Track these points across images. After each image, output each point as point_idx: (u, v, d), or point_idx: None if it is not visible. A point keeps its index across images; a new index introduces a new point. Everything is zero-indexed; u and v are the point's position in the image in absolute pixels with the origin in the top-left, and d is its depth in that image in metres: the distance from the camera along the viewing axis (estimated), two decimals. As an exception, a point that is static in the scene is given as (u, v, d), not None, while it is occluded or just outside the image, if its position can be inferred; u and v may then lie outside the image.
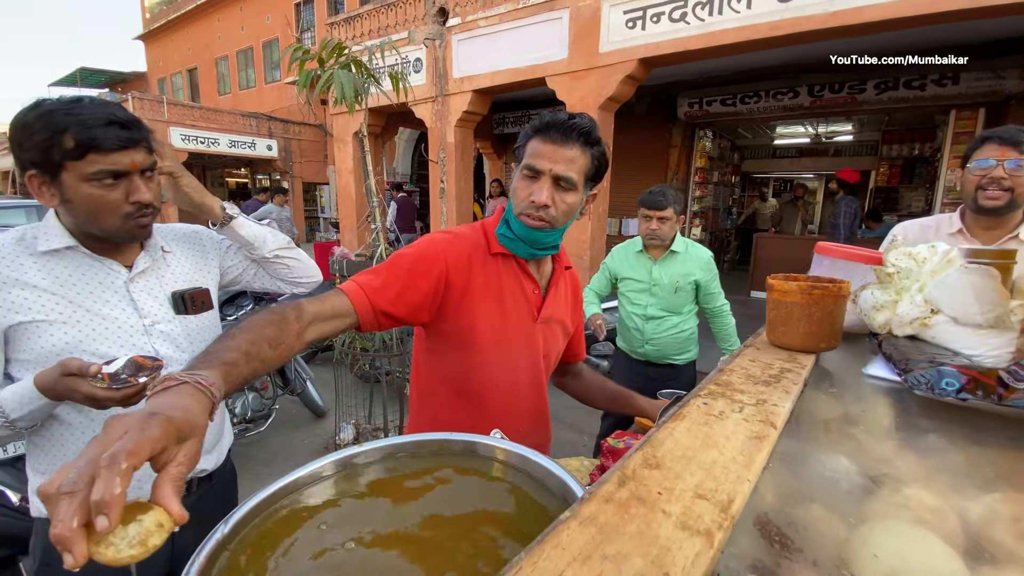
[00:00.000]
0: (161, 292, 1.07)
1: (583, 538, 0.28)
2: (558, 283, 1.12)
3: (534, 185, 0.94)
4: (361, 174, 8.29)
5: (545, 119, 0.93)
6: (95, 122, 0.87)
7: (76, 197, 0.91)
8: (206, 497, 1.15)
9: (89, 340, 0.96)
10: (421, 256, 0.95)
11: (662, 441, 0.40)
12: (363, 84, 2.93)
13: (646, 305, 2.32)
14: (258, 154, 14.14)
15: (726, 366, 0.59)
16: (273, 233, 1.20)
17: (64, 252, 0.98)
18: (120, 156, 0.90)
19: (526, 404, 1.10)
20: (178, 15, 18.39)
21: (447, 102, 6.91)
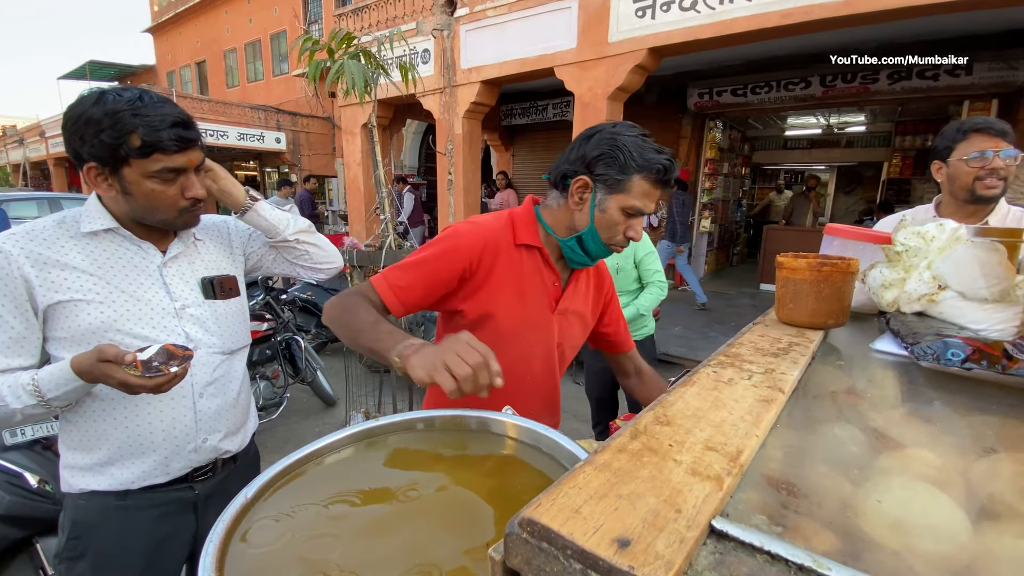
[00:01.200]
0: (192, 277, 1.10)
1: (598, 480, 0.30)
2: (579, 277, 1.16)
3: (633, 222, 0.98)
4: (369, 166, 8.33)
5: (661, 165, 0.94)
6: (162, 124, 0.92)
7: (137, 191, 0.96)
8: (231, 477, 1.18)
9: (123, 320, 0.99)
10: (445, 252, 1.00)
11: (672, 403, 0.41)
12: (372, 74, 2.94)
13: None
14: (267, 147, 14.21)
15: (736, 340, 0.60)
16: (295, 217, 1.23)
17: (104, 234, 1.02)
18: (181, 156, 0.96)
19: (539, 390, 1.14)
20: (186, 8, 18.43)
21: (455, 93, 6.90)
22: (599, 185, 0.98)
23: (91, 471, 1.03)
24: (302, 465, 0.69)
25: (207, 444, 1.09)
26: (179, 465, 1.07)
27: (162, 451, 1.05)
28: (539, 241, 1.07)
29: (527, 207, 1.11)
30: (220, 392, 1.11)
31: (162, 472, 1.06)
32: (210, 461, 1.13)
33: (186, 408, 1.06)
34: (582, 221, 1.02)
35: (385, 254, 3.39)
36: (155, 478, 1.06)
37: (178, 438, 1.06)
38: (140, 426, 1.03)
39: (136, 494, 1.05)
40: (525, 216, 1.09)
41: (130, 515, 1.06)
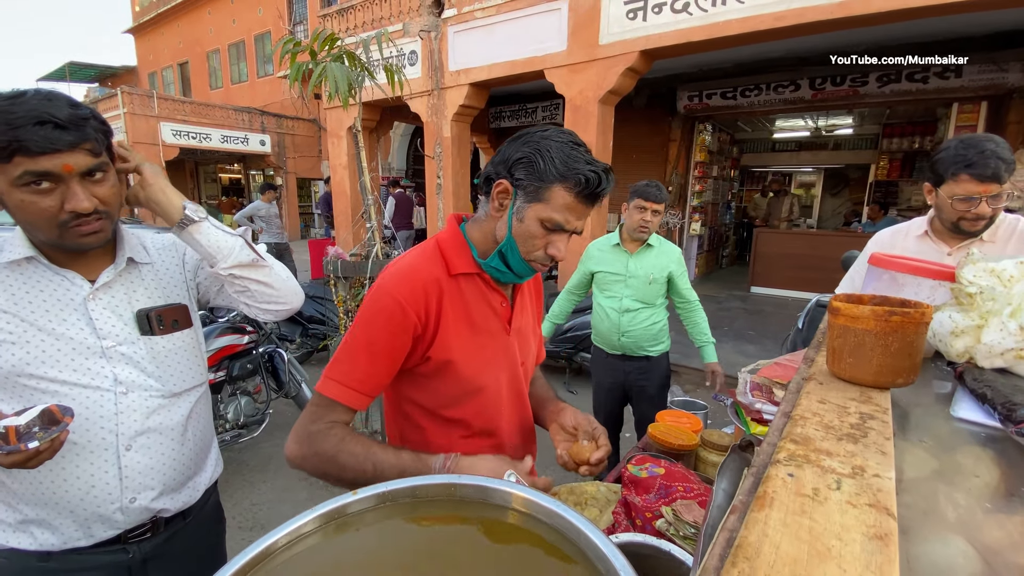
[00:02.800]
0: (128, 309, 0.95)
1: None
2: (522, 289, 1.05)
3: (554, 238, 0.87)
4: (355, 169, 8.15)
5: (586, 177, 0.82)
6: (23, 121, 0.76)
7: (9, 203, 0.82)
8: (179, 536, 1.04)
9: (38, 363, 0.86)
10: (390, 320, 0.87)
11: (755, 546, 0.30)
12: (357, 77, 2.80)
13: (621, 297, 2.35)
14: (251, 149, 13.95)
15: (792, 410, 0.49)
16: (243, 247, 1.02)
17: (25, 263, 0.88)
18: (48, 160, 0.78)
19: (511, 417, 1.05)
20: (168, 8, 18.06)
21: (443, 96, 6.76)
22: (519, 192, 0.86)
23: (12, 527, 0.91)
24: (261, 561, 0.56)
25: (135, 504, 0.94)
26: (102, 528, 0.93)
27: (80, 513, 0.91)
28: (474, 266, 0.94)
29: (452, 228, 0.97)
30: (155, 443, 0.96)
31: (84, 535, 0.92)
32: (147, 521, 0.98)
33: (107, 464, 0.91)
34: (501, 231, 0.90)
35: (372, 264, 3.25)
36: (76, 541, 0.92)
37: (98, 499, 0.91)
38: (53, 484, 0.89)
39: (59, 556, 0.92)
40: (452, 240, 0.95)
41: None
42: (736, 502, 0.34)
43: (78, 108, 0.82)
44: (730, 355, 4.65)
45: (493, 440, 1.01)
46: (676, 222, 7.70)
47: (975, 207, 1.36)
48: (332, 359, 0.90)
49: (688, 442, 1.37)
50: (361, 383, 0.88)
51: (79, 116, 0.81)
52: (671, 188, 7.65)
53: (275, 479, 3.16)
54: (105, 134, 0.86)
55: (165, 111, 12.46)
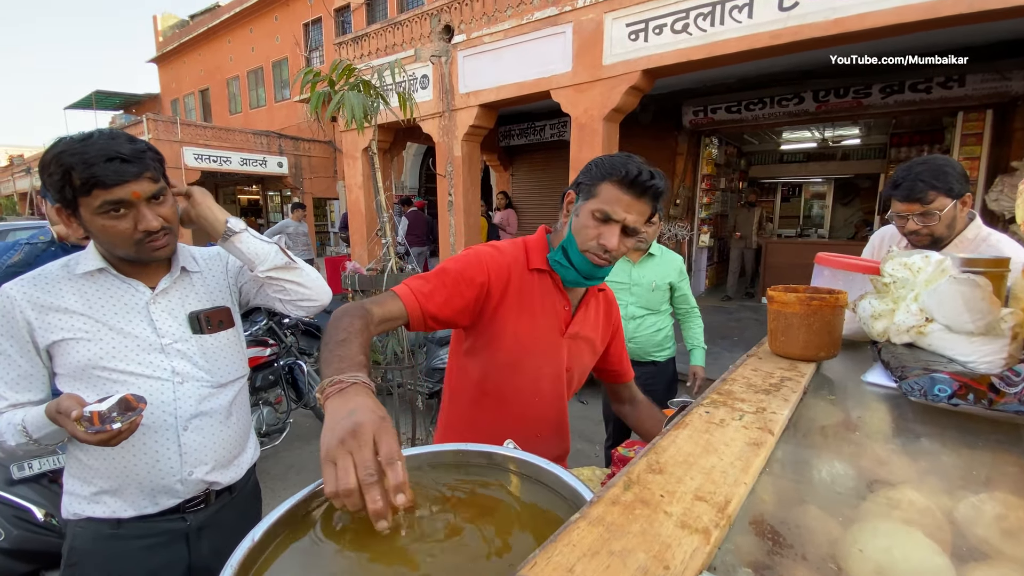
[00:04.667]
0: (181, 311, 1.12)
1: (592, 536, 0.31)
2: (589, 303, 1.19)
3: (604, 229, 0.99)
4: (370, 189, 8.41)
5: (627, 170, 0.96)
6: (96, 160, 0.91)
7: (93, 228, 0.98)
8: (226, 509, 1.18)
9: (109, 357, 1.02)
10: (467, 266, 1.03)
11: (665, 448, 0.43)
12: (372, 104, 3.01)
13: (627, 304, 2.46)
14: (269, 171, 14.39)
15: (729, 375, 0.61)
16: (277, 252, 1.17)
17: (96, 274, 1.05)
18: (121, 189, 0.94)
19: (546, 413, 1.16)
20: (190, 38, 18.86)
21: (454, 117, 7.01)
22: (579, 196, 1.03)
23: (88, 499, 1.06)
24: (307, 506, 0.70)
25: (192, 477, 1.10)
26: (166, 498, 1.08)
27: (147, 484, 1.07)
28: (547, 264, 1.11)
29: (540, 235, 1.16)
30: (207, 425, 1.12)
31: (151, 503, 1.07)
32: (201, 493, 1.13)
33: (169, 442, 1.07)
34: (565, 231, 1.06)
35: (387, 278, 3.42)
36: (144, 509, 1.07)
37: (162, 472, 1.07)
38: (125, 460, 1.04)
39: (128, 523, 1.07)
40: (537, 242, 1.13)
41: (123, 543, 1.07)
42: (663, 430, 0.47)
43: (135, 143, 0.98)
44: (738, 364, 4.69)
45: (525, 424, 1.13)
46: (684, 234, 7.80)
47: (905, 224, 1.46)
48: (414, 275, 1.04)
49: None
50: (422, 295, 0.98)
51: (138, 150, 0.97)
52: (679, 201, 7.77)
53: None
54: (160, 162, 1.03)
55: (188, 136, 12.97)
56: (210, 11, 18.76)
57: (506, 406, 1.12)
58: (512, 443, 0.91)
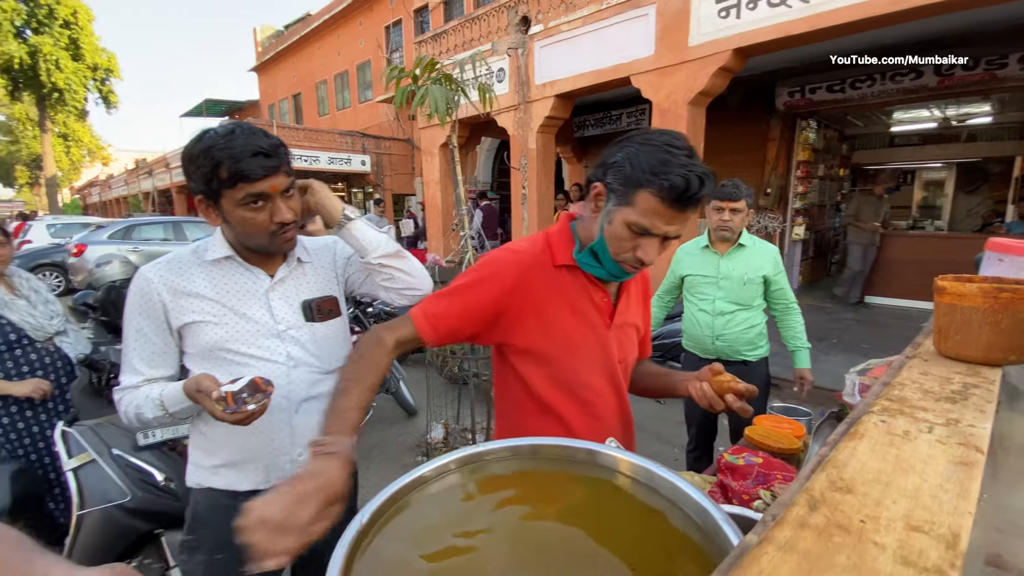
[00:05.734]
0: (296, 300, 1.16)
1: (787, 567, 0.25)
2: (628, 287, 1.09)
3: (642, 242, 0.89)
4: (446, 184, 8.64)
5: (671, 182, 0.81)
6: (243, 155, 0.96)
7: (232, 219, 1.03)
8: None
9: (233, 339, 1.08)
10: (480, 279, 0.98)
11: (845, 462, 0.35)
12: (453, 97, 3.04)
13: (714, 299, 2.28)
14: (353, 169, 15.23)
15: (893, 379, 0.52)
16: (389, 241, 1.21)
17: (223, 261, 1.11)
18: (263, 183, 0.99)
19: (609, 411, 1.09)
20: (284, 47, 20.37)
21: (529, 109, 6.99)
22: (610, 195, 0.90)
23: (209, 471, 1.14)
24: (407, 493, 0.69)
25: (302, 458, 1.14)
26: (277, 475, 1.14)
27: (262, 461, 1.13)
28: (574, 259, 1.01)
29: (563, 224, 1.05)
30: (316, 409, 1.16)
31: (263, 479, 1.13)
32: None
33: (283, 423, 1.12)
34: (595, 231, 0.94)
35: (465, 268, 3.48)
36: (258, 484, 1.13)
37: (276, 451, 1.13)
38: (244, 437, 1.10)
39: (244, 496, 1.13)
40: (561, 235, 1.03)
41: (236, 515, 1.14)
42: (828, 441, 0.40)
43: (271, 138, 1.02)
44: (837, 368, 4.29)
45: (590, 424, 1.06)
46: (776, 226, 7.22)
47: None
48: (432, 294, 1.03)
49: (789, 446, 1.33)
50: (435, 317, 0.95)
51: (275, 145, 1.02)
52: (770, 190, 7.21)
53: (378, 467, 3.45)
54: (289, 158, 1.07)
55: (282, 138, 13.95)
56: (302, 20, 20.13)
57: (564, 413, 1.04)
58: (614, 441, 0.86)
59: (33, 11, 19.67)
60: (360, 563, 0.55)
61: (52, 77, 20.40)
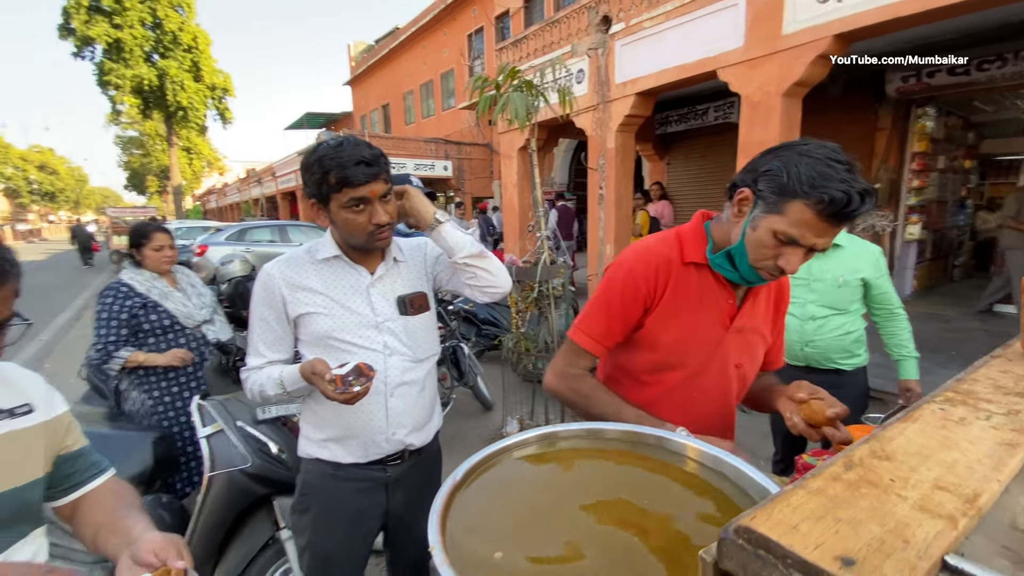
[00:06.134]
0: (392, 295, 1.31)
1: (813, 503, 0.31)
2: (759, 292, 1.10)
3: (787, 251, 0.89)
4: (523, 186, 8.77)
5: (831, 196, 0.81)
6: (348, 163, 1.12)
7: (337, 219, 1.20)
8: (416, 467, 1.37)
9: (339, 329, 1.24)
10: (625, 288, 1.05)
11: (891, 438, 0.39)
12: (533, 103, 3.15)
13: (805, 303, 2.15)
14: (436, 174, 15.94)
15: (967, 376, 0.53)
16: (473, 242, 1.31)
17: (332, 260, 1.28)
18: (364, 188, 1.13)
19: (711, 412, 1.11)
20: (374, 60, 21.74)
21: (608, 108, 6.94)
22: (759, 201, 0.91)
23: (317, 444, 1.31)
24: (493, 458, 0.80)
25: (395, 437, 1.29)
26: (374, 451, 1.29)
27: (361, 438, 1.27)
28: (706, 258, 1.04)
29: (696, 223, 1.09)
30: (407, 394, 1.30)
31: (362, 454, 1.28)
32: (399, 451, 1.32)
33: (379, 406, 1.26)
34: (735, 235, 0.96)
35: (540, 269, 3.56)
36: (358, 457, 1.29)
37: (373, 429, 1.27)
38: (347, 416, 1.25)
39: (345, 467, 1.29)
40: (693, 233, 1.07)
41: (339, 483, 1.30)
42: (882, 424, 0.43)
43: (373, 149, 1.18)
44: (955, 382, 3.83)
45: (687, 422, 1.04)
46: (885, 225, 6.51)
47: None
48: (582, 312, 1.13)
49: None
50: (601, 336, 1.09)
51: (376, 155, 1.17)
52: (879, 185, 6.56)
53: (459, 455, 3.62)
54: (388, 166, 1.22)
55: (374, 146, 14.99)
56: (390, 34, 21.37)
57: (665, 404, 1.08)
58: (685, 430, 0.90)
59: (159, 37, 22.59)
60: (455, 508, 0.66)
61: (177, 97, 23.32)
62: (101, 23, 21.23)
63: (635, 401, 1.10)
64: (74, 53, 22.09)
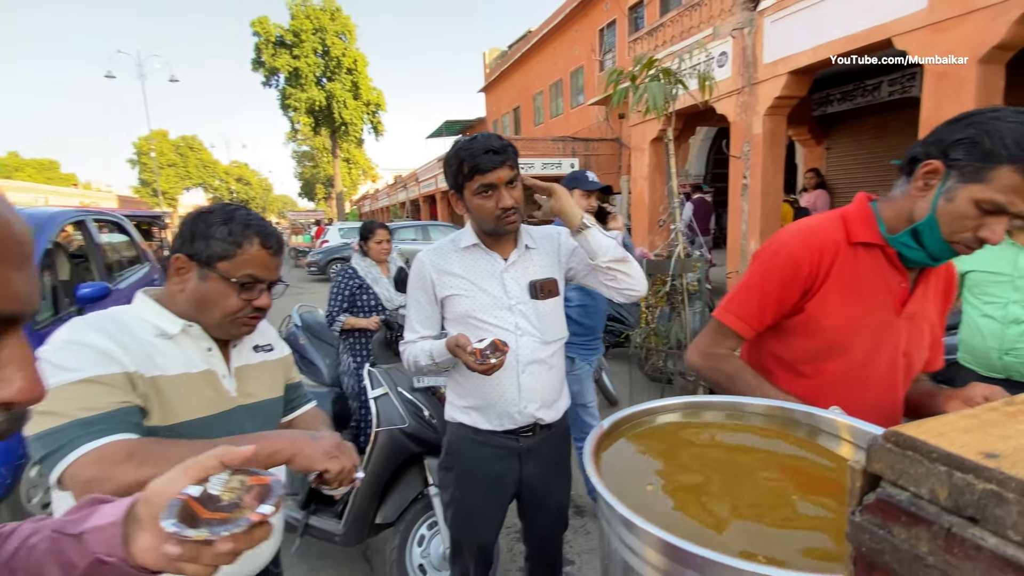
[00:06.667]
0: (524, 279, 1.39)
1: (965, 423, 0.34)
2: (929, 277, 1.02)
3: (990, 220, 0.84)
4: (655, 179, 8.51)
5: None
6: (478, 152, 1.23)
7: (470, 206, 1.31)
8: (546, 441, 1.47)
9: (477, 309, 1.36)
10: (783, 268, 1.01)
11: None
12: (671, 91, 3.07)
13: (1007, 303, 1.82)
14: (562, 172, 16.10)
15: None
16: (616, 247, 1.34)
17: (472, 248, 1.40)
18: (492, 174, 1.24)
19: (876, 400, 1.03)
20: (507, 66, 22.65)
21: (755, 91, 6.43)
22: (952, 172, 0.85)
23: (460, 409, 1.44)
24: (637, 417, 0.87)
25: (527, 410, 1.38)
26: (508, 422, 1.39)
27: (497, 409, 1.38)
28: (879, 238, 0.98)
29: (860, 203, 1.03)
30: (537, 372, 1.38)
31: (497, 423, 1.39)
32: (530, 424, 1.41)
33: (512, 381, 1.36)
34: (921, 210, 0.89)
35: (674, 263, 3.46)
36: (493, 426, 1.40)
37: (506, 402, 1.37)
38: (485, 388, 1.37)
39: (483, 433, 1.41)
40: (859, 212, 1.01)
41: (478, 447, 1.43)
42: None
43: (502, 141, 1.27)
44: None
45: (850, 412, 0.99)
46: None
47: None
48: (730, 294, 1.11)
49: None
50: (751, 317, 1.06)
51: (504, 145, 1.26)
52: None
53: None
54: (516, 156, 1.29)
55: (505, 147, 15.67)
56: (522, 38, 22.07)
57: (827, 396, 1.01)
58: (838, 409, 0.87)
59: (327, 63, 26.08)
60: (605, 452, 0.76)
61: (341, 114, 26.73)
62: (284, 55, 25.33)
63: (793, 394, 1.03)
64: (263, 82, 26.67)
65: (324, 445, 0.85)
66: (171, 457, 0.68)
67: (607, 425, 0.80)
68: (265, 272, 0.95)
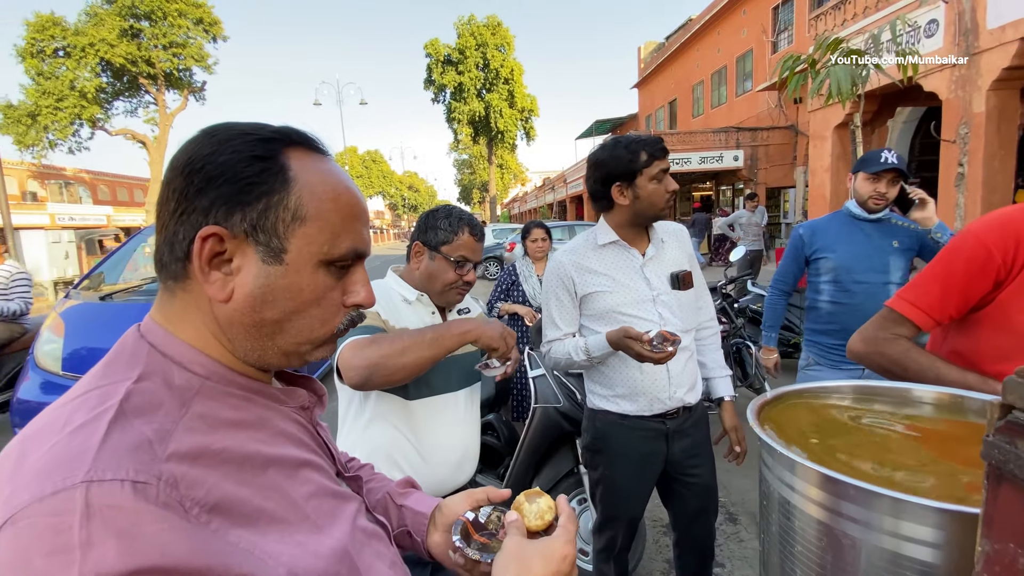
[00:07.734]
0: (662, 272, 1.46)
1: None
2: None
3: None
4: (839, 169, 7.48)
5: None
6: (656, 142, 1.39)
7: (643, 193, 1.39)
8: (689, 422, 1.52)
9: (621, 304, 1.43)
10: (972, 259, 0.95)
11: None
12: (860, 73, 2.74)
13: None
14: (723, 166, 14.96)
15: None
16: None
17: (610, 245, 1.48)
18: (664, 161, 1.39)
19: None
20: (664, 58, 21.73)
21: (975, 63, 5.29)
22: None
23: (606, 399, 1.51)
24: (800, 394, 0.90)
25: (676, 395, 1.45)
26: (658, 406, 1.46)
27: (648, 394, 1.45)
28: None
29: None
30: (682, 358, 1.44)
31: (647, 409, 1.47)
32: (676, 408, 1.48)
33: (662, 369, 1.42)
34: None
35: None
36: (642, 411, 1.47)
37: (657, 388, 1.45)
38: (636, 378, 1.45)
39: (631, 419, 1.49)
40: None
41: (626, 431, 1.51)
42: None
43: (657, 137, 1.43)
44: None
45: None
46: None
47: None
48: (910, 283, 1.07)
49: None
50: (932, 307, 1.00)
51: (659, 138, 1.41)
52: None
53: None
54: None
55: (659, 144, 15.10)
56: (682, 27, 20.96)
57: None
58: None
59: (487, 76, 27.82)
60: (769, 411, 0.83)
61: (497, 123, 28.34)
62: (450, 72, 27.77)
63: None
64: (432, 99, 29.56)
65: (498, 328, 1.10)
66: (393, 340, 1.04)
67: (771, 395, 0.86)
68: (472, 254, 1.26)
